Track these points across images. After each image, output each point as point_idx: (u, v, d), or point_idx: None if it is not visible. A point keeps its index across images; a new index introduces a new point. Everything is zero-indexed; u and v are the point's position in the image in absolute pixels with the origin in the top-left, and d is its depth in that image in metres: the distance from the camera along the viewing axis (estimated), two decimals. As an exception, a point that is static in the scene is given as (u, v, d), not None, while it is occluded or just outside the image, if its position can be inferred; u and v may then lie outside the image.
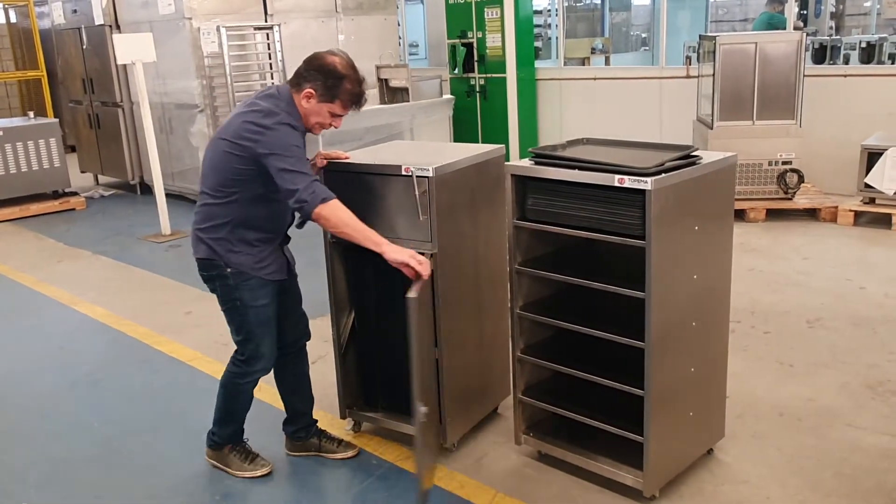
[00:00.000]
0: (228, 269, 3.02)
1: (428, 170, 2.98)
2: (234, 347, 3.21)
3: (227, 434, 3.36)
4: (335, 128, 3.09)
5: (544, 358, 3.16)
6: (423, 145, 3.62)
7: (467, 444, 3.45)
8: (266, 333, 3.14)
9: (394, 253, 2.87)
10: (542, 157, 2.96)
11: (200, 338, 4.84)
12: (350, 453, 3.43)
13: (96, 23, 9.05)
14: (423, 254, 2.96)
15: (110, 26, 8.92)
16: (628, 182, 2.63)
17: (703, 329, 3.01)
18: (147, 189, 9.37)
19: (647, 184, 2.58)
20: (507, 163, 3.05)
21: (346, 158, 3.25)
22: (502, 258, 3.41)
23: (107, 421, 3.90)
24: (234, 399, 3.27)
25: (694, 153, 2.85)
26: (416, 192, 3.01)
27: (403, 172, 3.03)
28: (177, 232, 7.43)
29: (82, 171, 10.26)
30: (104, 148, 9.71)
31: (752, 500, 2.99)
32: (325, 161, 3.24)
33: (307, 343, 3.43)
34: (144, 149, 8.66)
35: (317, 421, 3.52)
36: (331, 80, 2.93)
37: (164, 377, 4.37)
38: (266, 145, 2.86)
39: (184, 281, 5.94)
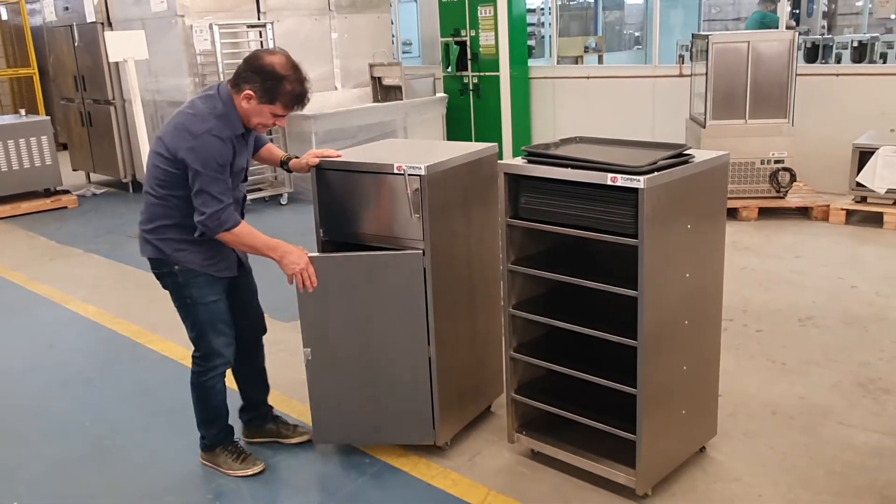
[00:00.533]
0: (176, 267, 3.04)
1: (420, 168, 2.98)
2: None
3: (213, 434, 3.36)
4: (280, 126, 3.09)
5: (537, 356, 3.16)
6: (415, 143, 3.62)
7: (460, 442, 3.45)
8: (220, 329, 3.15)
9: (291, 265, 3.02)
10: (535, 156, 2.96)
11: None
12: (305, 437, 3.50)
13: (88, 20, 9.01)
14: (413, 251, 3.02)
15: (102, 23, 8.88)
16: (621, 181, 2.63)
17: (695, 327, 3.01)
18: (139, 187, 9.32)
19: (639, 182, 2.58)
20: (500, 161, 3.05)
21: (338, 157, 3.24)
22: (495, 256, 3.41)
23: (99, 419, 3.89)
24: (205, 398, 3.27)
25: (686, 152, 2.85)
26: (409, 191, 3.01)
27: (396, 171, 3.03)
28: (169, 230, 7.40)
29: (74, 169, 10.21)
30: (96, 146, 9.67)
31: (745, 498, 3.00)
32: (316, 160, 3.23)
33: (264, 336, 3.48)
34: (137, 147, 8.61)
35: (272, 407, 3.57)
36: (269, 81, 2.88)
37: (157, 375, 4.36)
38: (189, 155, 2.85)
39: (176, 279, 5.92)
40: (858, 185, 6.48)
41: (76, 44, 9.40)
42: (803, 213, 6.81)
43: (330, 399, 3.34)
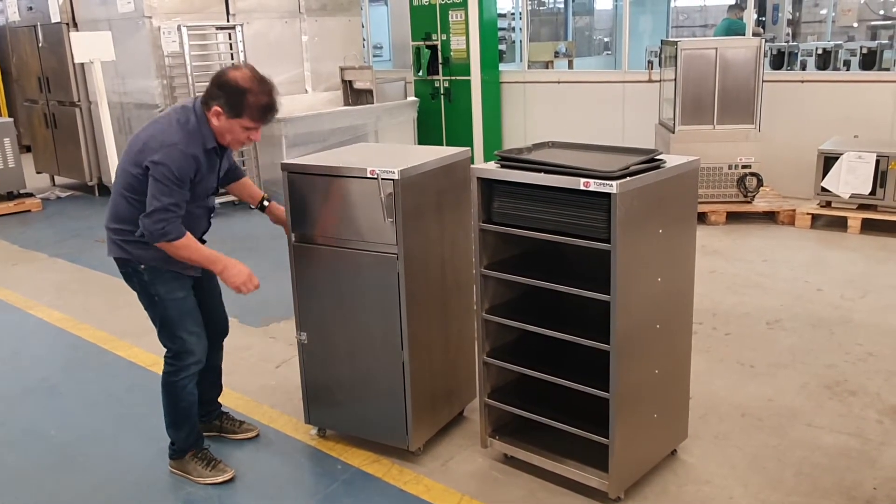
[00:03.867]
0: (142, 266, 3.08)
1: (393, 172, 2.97)
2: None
3: (182, 438, 3.32)
4: (254, 140, 3.08)
5: (510, 361, 3.16)
6: (389, 147, 3.63)
7: (433, 447, 3.43)
8: (189, 326, 3.17)
9: (233, 277, 3.04)
10: (508, 161, 2.96)
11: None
12: (250, 434, 3.59)
13: (52, 20, 8.86)
14: (388, 255, 3.03)
15: (67, 24, 8.74)
16: (594, 185, 2.64)
17: (666, 331, 3.03)
18: (105, 190, 9.19)
19: (612, 187, 2.59)
20: (473, 166, 3.05)
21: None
22: (469, 261, 3.40)
23: (64, 427, 3.81)
24: (176, 399, 3.25)
25: (658, 157, 2.87)
26: (382, 195, 3.00)
27: (369, 175, 3.02)
28: (136, 234, 7.30)
29: (38, 172, 10.03)
30: (61, 148, 9.51)
31: (716, 500, 3.02)
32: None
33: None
34: (103, 149, 8.49)
35: (221, 405, 3.64)
36: (234, 96, 2.91)
37: (124, 382, 4.28)
38: (153, 165, 2.88)
39: (144, 284, 5.83)
40: (823, 189, 6.58)
41: (40, 44, 9.24)
42: (770, 217, 6.91)
43: (320, 386, 3.43)
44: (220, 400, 3.65)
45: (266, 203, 3.44)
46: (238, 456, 3.45)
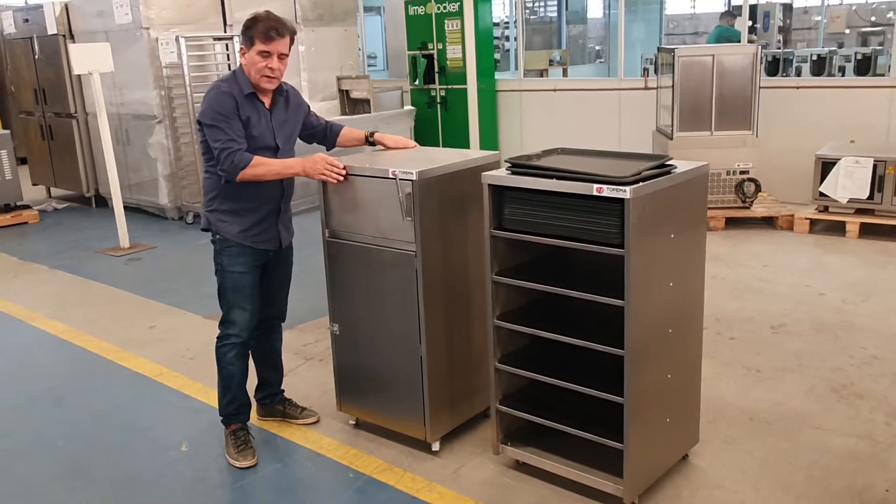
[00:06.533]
0: (217, 236, 3.38)
1: (412, 173, 3.08)
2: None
3: (223, 406, 3.51)
4: (274, 70, 3.26)
5: (522, 366, 3.17)
6: (426, 150, 3.81)
7: (445, 454, 3.44)
8: (239, 300, 3.39)
9: (311, 171, 3.27)
10: (519, 167, 2.97)
11: (165, 352, 4.75)
12: (311, 419, 3.77)
13: (49, 32, 8.86)
14: (407, 252, 3.22)
15: (64, 36, 8.74)
16: (607, 191, 2.65)
17: (678, 336, 3.05)
18: (102, 202, 9.19)
19: (625, 192, 2.61)
20: (484, 173, 3.06)
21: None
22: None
23: (72, 438, 3.79)
24: (219, 365, 3.46)
25: (668, 162, 2.89)
26: (401, 195, 3.10)
27: (390, 175, 3.15)
28: (136, 245, 7.29)
29: (34, 184, 10.00)
30: (57, 160, 9.49)
31: (728, 504, 3.03)
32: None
33: (282, 324, 3.74)
34: (100, 160, 8.52)
35: (283, 391, 3.84)
36: (245, 28, 3.24)
37: (130, 393, 4.27)
38: (201, 113, 3.25)
39: (145, 294, 5.82)
40: (821, 194, 6.62)
41: (36, 56, 9.23)
42: (769, 222, 6.95)
43: (350, 376, 3.63)
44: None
45: (371, 139, 3.71)
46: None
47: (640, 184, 2.66)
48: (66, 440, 3.78)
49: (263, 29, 3.19)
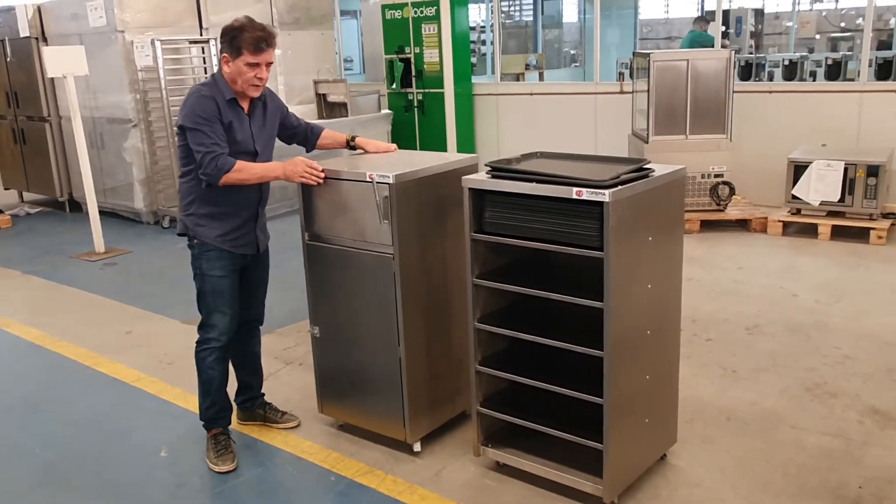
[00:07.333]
0: (195, 241, 3.37)
1: (388, 177, 3.10)
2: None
3: (204, 409, 3.50)
4: (262, 80, 3.26)
5: (503, 368, 3.19)
6: (404, 154, 3.84)
7: (427, 456, 3.45)
8: (219, 304, 3.39)
9: (291, 175, 3.27)
10: (499, 171, 3.00)
11: (143, 357, 4.72)
12: (292, 423, 3.76)
13: (21, 35, 8.76)
14: (385, 255, 3.23)
15: (37, 38, 8.64)
16: (586, 194, 2.68)
17: (657, 337, 3.09)
18: (76, 206, 9.09)
19: (605, 196, 2.64)
20: (464, 177, 3.08)
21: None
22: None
23: (49, 446, 3.75)
24: (199, 369, 3.46)
25: (647, 166, 2.93)
26: (378, 198, 3.12)
27: (367, 179, 3.17)
28: (111, 250, 7.22)
29: (6, 188, 9.89)
30: (30, 164, 9.37)
31: (707, 503, 3.07)
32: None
33: (260, 327, 3.76)
34: (74, 164, 8.42)
35: (264, 394, 3.84)
36: (230, 36, 3.20)
37: (108, 399, 4.23)
38: (181, 118, 3.22)
39: (122, 300, 5.78)
40: (794, 197, 6.73)
41: (8, 59, 9.12)
42: (743, 224, 7.04)
43: (331, 378, 3.63)
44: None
45: (353, 143, 3.71)
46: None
47: (619, 187, 2.69)
48: (43, 448, 3.74)
49: (252, 40, 3.17)
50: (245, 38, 3.16)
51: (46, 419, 4.05)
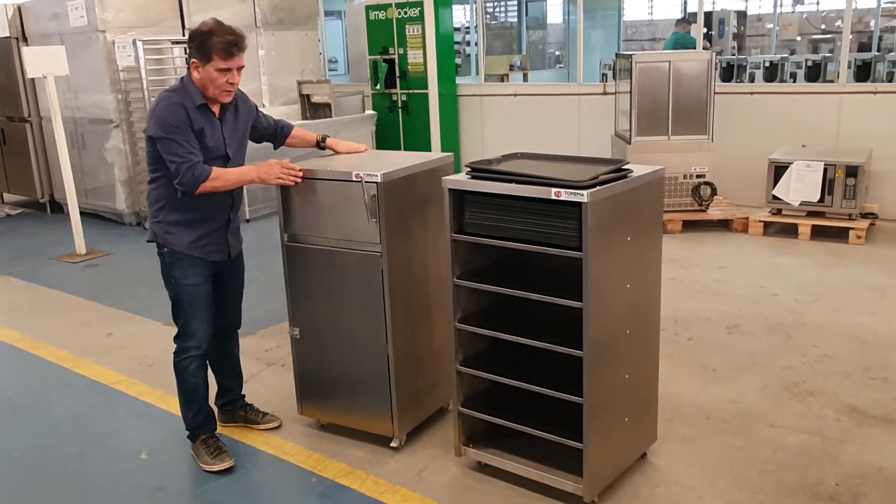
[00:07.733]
0: (165, 249, 3.31)
1: (376, 175, 3.12)
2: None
3: (189, 418, 3.46)
4: (234, 85, 3.20)
5: (484, 368, 3.20)
6: (380, 153, 3.87)
7: (409, 456, 3.45)
8: (196, 312, 3.34)
9: (266, 176, 3.25)
10: (479, 172, 3.01)
11: (123, 359, 4.69)
12: (273, 424, 3.74)
13: (1, 35, 8.68)
14: (372, 254, 3.25)
15: (17, 38, 8.58)
16: (565, 195, 2.70)
17: (636, 336, 3.11)
18: (57, 207, 9.03)
19: (583, 196, 2.66)
20: (444, 177, 3.09)
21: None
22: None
23: (29, 449, 3.73)
24: (180, 379, 3.41)
25: (625, 167, 2.95)
26: (366, 197, 3.13)
27: (354, 178, 3.18)
28: (92, 251, 7.18)
29: (-14, 189, 9.80)
30: (10, 165, 9.30)
31: (686, 501, 3.09)
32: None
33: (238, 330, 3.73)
34: (55, 165, 8.36)
35: (244, 396, 3.82)
36: (200, 42, 3.11)
37: (88, 401, 4.21)
38: (151, 126, 3.14)
39: (102, 301, 5.74)
40: (774, 197, 6.79)
41: (-13, 59, 9.04)
42: (724, 225, 7.09)
43: (312, 378, 3.63)
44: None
45: (323, 144, 3.67)
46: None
47: (598, 188, 2.71)
48: (23, 451, 3.71)
49: (223, 45, 3.09)
50: (215, 43, 3.08)
51: (25, 422, 4.02)
